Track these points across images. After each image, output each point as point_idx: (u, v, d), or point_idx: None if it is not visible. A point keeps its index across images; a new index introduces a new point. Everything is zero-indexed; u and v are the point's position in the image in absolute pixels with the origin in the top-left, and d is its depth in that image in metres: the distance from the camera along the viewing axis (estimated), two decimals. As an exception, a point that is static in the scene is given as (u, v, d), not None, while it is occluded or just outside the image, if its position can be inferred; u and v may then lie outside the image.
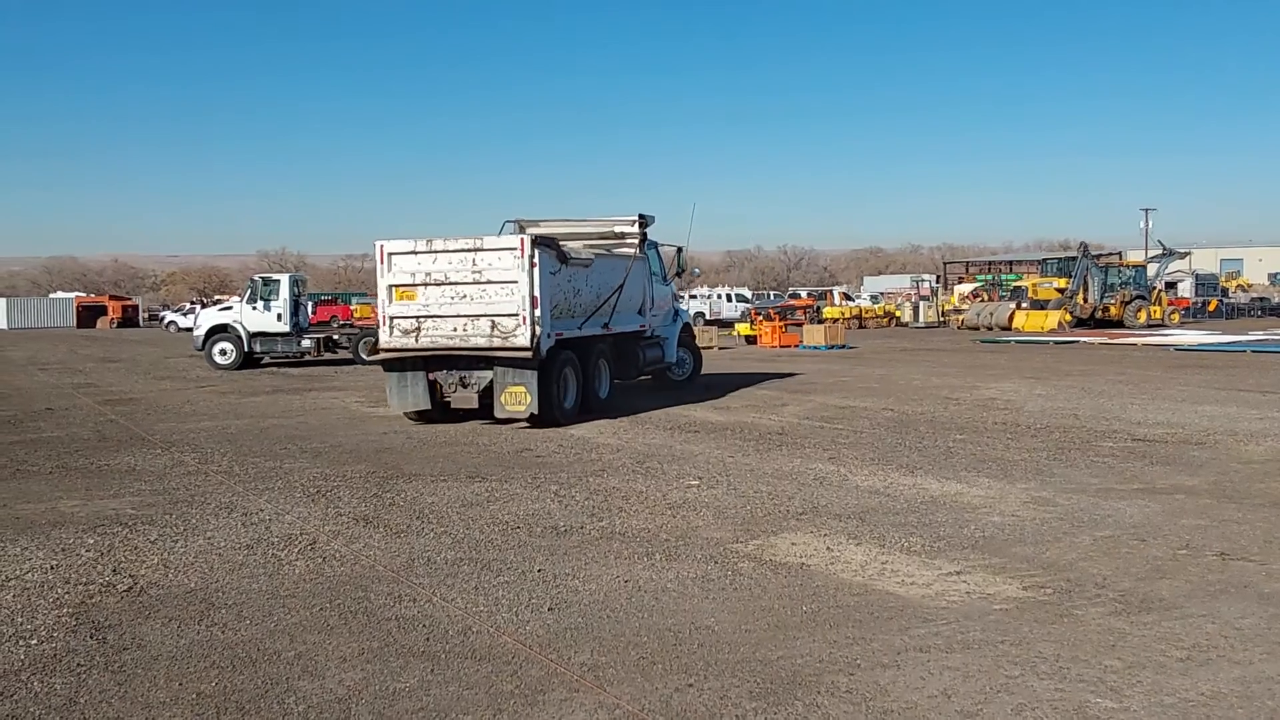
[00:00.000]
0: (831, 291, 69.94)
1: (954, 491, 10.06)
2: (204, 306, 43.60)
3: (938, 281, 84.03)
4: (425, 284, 15.10)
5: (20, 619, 6.60)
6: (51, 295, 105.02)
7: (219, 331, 30.10)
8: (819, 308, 54.82)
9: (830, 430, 14.53)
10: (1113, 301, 47.32)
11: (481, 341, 14.92)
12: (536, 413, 14.83)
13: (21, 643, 6.16)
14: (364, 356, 28.61)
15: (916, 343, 39.04)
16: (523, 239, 14.92)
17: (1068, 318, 45.91)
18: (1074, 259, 50.08)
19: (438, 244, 15.08)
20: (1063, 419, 15.23)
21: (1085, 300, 47.33)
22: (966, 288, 72.21)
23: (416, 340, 15.14)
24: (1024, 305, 48.34)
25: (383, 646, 5.98)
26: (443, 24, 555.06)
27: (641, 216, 18.18)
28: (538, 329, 14.77)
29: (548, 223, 18.00)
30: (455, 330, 15.02)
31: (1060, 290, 48.56)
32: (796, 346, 36.23)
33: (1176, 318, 50.61)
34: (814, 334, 36.79)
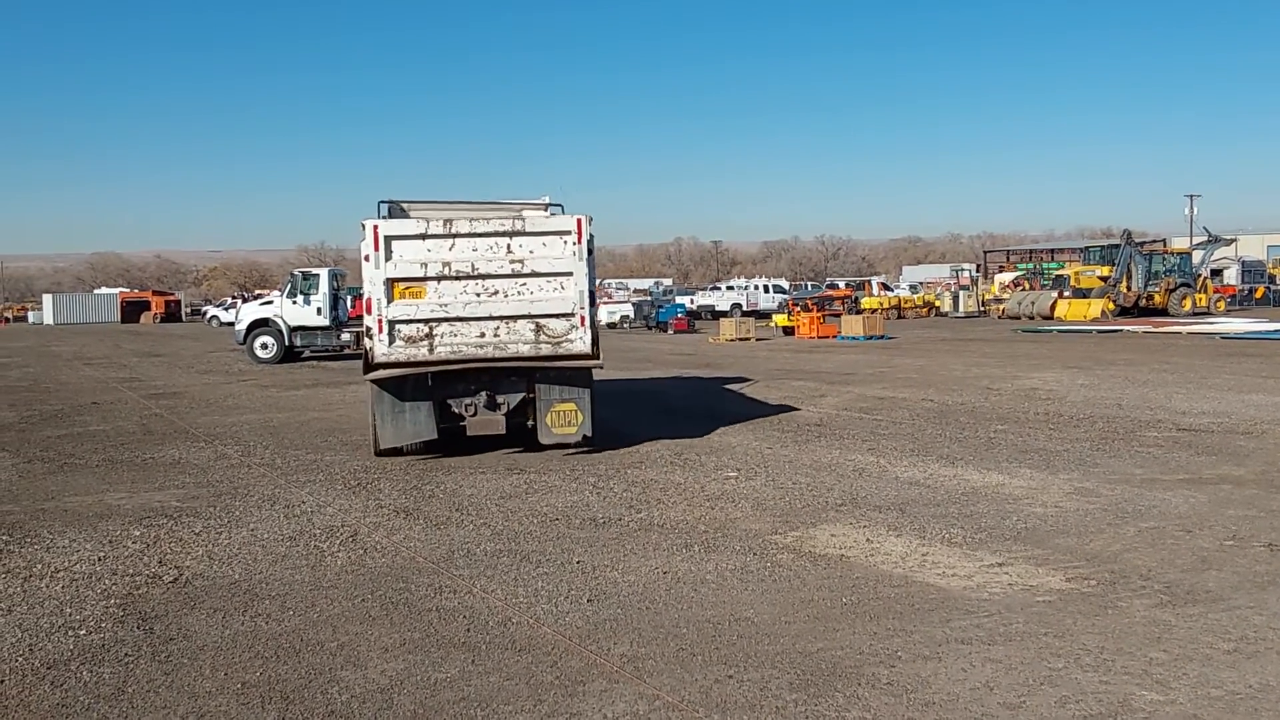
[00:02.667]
0: (870, 281, 69.56)
1: (995, 482, 9.97)
2: (245, 301, 44.07)
3: (978, 270, 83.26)
4: (441, 277, 11.78)
5: (69, 609, 6.72)
6: (96, 291, 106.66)
7: (260, 326, 30.42)
8: (857, 298, 54.49)
9: (869, 421, 14.44)
10: (1157, 289, 46.69)
11: (525, 349, 11.90)
12: (590, 434, 12.22)
13: (70, 633, 6.27)
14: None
15: (956, 333, 38.70)
16: (579, 219, 12.02)
17: (1111, 306, 45.35)
18: (1117, 246, 49.47)
19: (460, 224, 11.82)
20: (1106, 409, 15.04)
21: (1129, 288, 46.72)
22: (1007, 276, 71.55)
23: (430, 350, 11.77)
24: (1066, 294, 47.80)
25: (424, 637, 6.02)
26: (487, 14, 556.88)
27: (549, 204, 14.67)
28: (596, 332, 12.26)
29: (436, 205, 14.25)
30: (484, 336, 11.93)
31: (1103, 278, 47.96)
32: (834, 337, 36.03)
33: (1222, 305, 49.79)
34: (852, 325, 36.61)
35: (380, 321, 11.63)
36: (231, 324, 40.71)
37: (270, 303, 31.40)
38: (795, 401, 17.00)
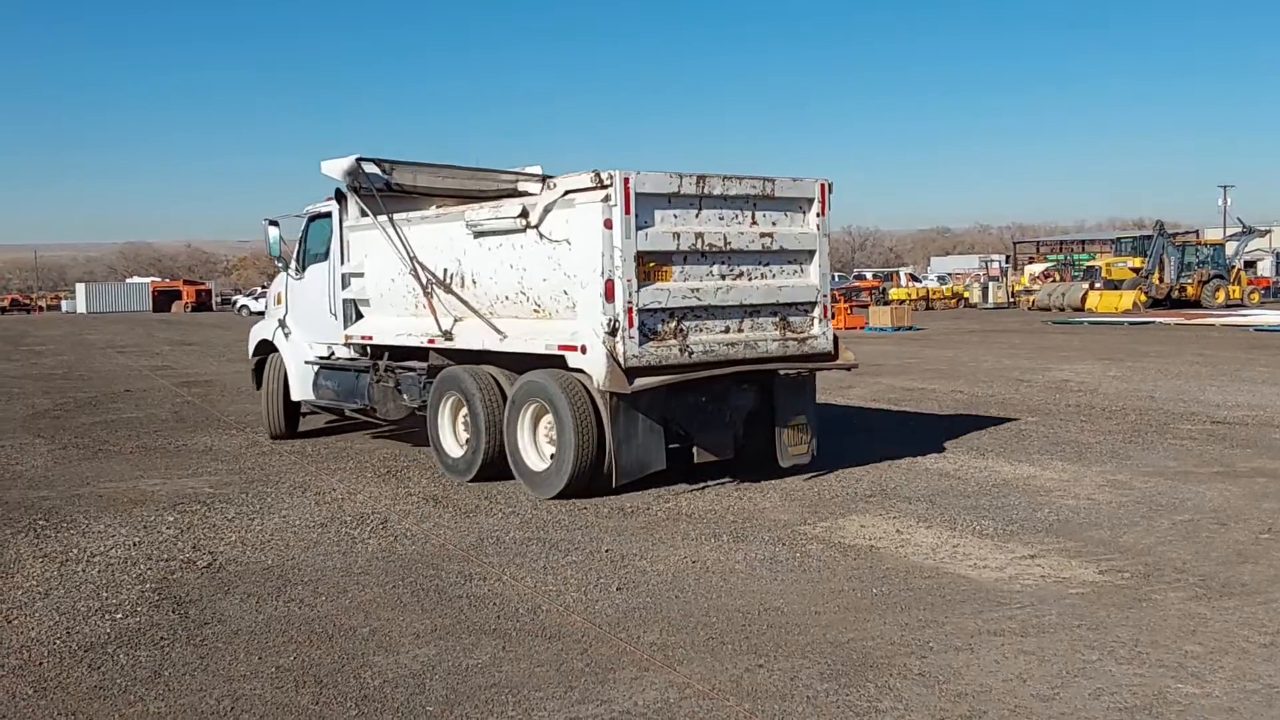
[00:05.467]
0: (898, 272, 69.19)
1: (1027, 474, 9.91)
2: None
3: (1007, 261, 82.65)
4: (689, 252, 9.17)
5: (106, 594, 6.80)
6: (128, 280, 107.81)
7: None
8: (885, 289, 54.21)
9: (898, 413, 14.38)
10: (1189, 281, 46.20)
11: (772, 348, 9.70)
12: (816, 454, 10.12)
13: (107, 617, 6.34)
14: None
15: (985, 324, 38.46)
16: (822, 184, 9.92)
17: (1143, 298, 44.90)
18: (1149, 238, 49.00)
19: (714, 183, 9.23)
20: (1139, 401, 14.91)
21: (1161, 280, 46.26)
22: (1037, 268, 70.91)
23: (681, 351, 9.15)
24: (1097, 285, 47.34)
25: (454, 623, 6.06)
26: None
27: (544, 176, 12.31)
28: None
29: (424, 169, 11.84)
30: (730, 332, 9.49)
31: (1135, 270, 47.50)
32: (862, 328, 35.89)
33: (1256, 297, 49.19)
34: (880, 315, 36.48)
35: (631, 312, 8.81)
36: (261, 313, 40.89)
37: None
38: (822, 392, 16.93)
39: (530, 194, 12.15)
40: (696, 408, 9.44)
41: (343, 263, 12.00)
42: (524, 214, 9.39)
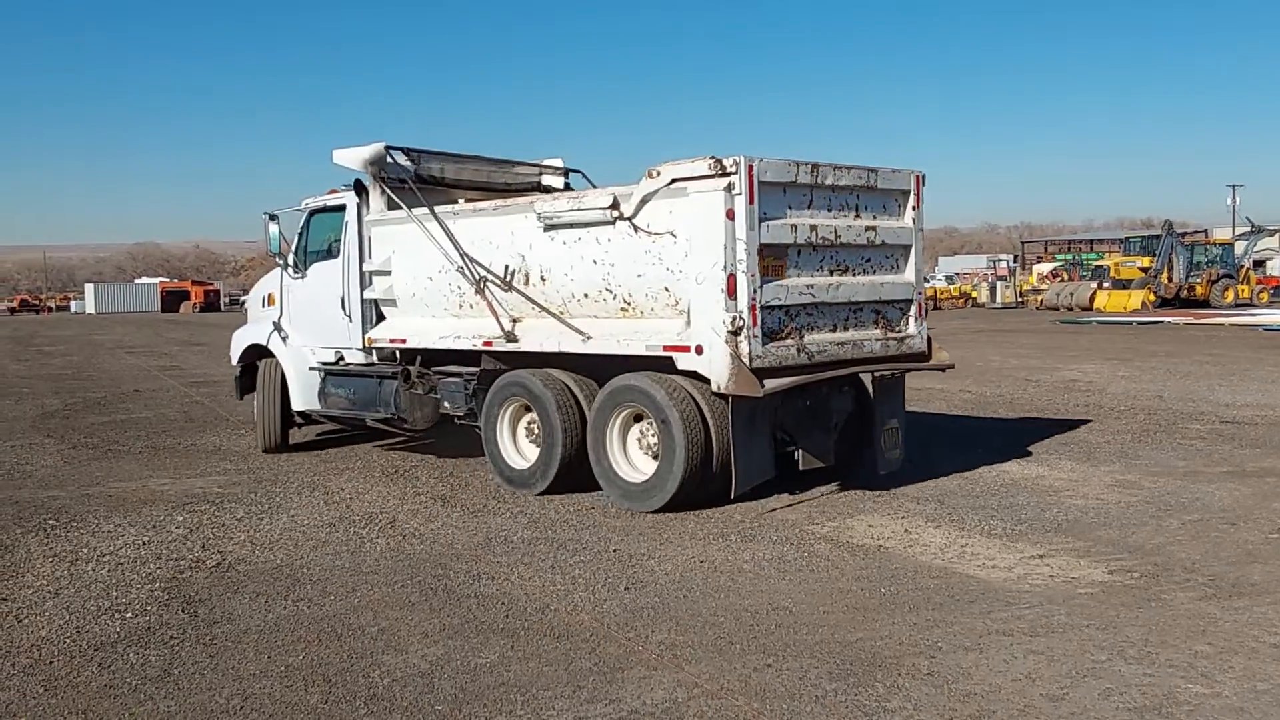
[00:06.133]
0: (905, 272, 68.89)
1: (1035, 474, 9.89)
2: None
3: (1015, 261, 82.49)
4: (803, 246, 8.66)
5: (115, 593, 6.82)
6: (136, 281, 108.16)
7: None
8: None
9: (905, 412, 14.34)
10: (1198, 280, 46.03)
11: (875, 347, 9.33)
12: (904, 456, 9.70)
13: (117, 616, 6.36)
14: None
15: (993, 324, 38.39)
16: (916, 176, 9.58)
17: (1151, 298, 44.76)
18: (1158, 237, 48.81)
19: (826, 172, 8.74)
20: (1148, 401, 14.87)
21: (1170, 279, 46.10)
22: (1046, 267, 70.80)
23: (800, 352, 8.65)
24: (1106, 285, 47.20)
25: (463, 623, 6.06)
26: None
27: (568, 170, 12.58)
28: None
29: (450, 159, 11.56)
30: (836, 331, 9.04)
31: (1144, 269, 47.34)
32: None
33: (1265, 297, 49.01)
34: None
35: (754, 309, 8.23)
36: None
37: None
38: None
39: (553, 187, 12.23)
40: (802, 412, 8.96)
41: (364, 260, 11.19)
42: (614, 205, 8.73)
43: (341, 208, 11.53)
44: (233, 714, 4.92)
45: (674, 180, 8.36)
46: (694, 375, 8.43)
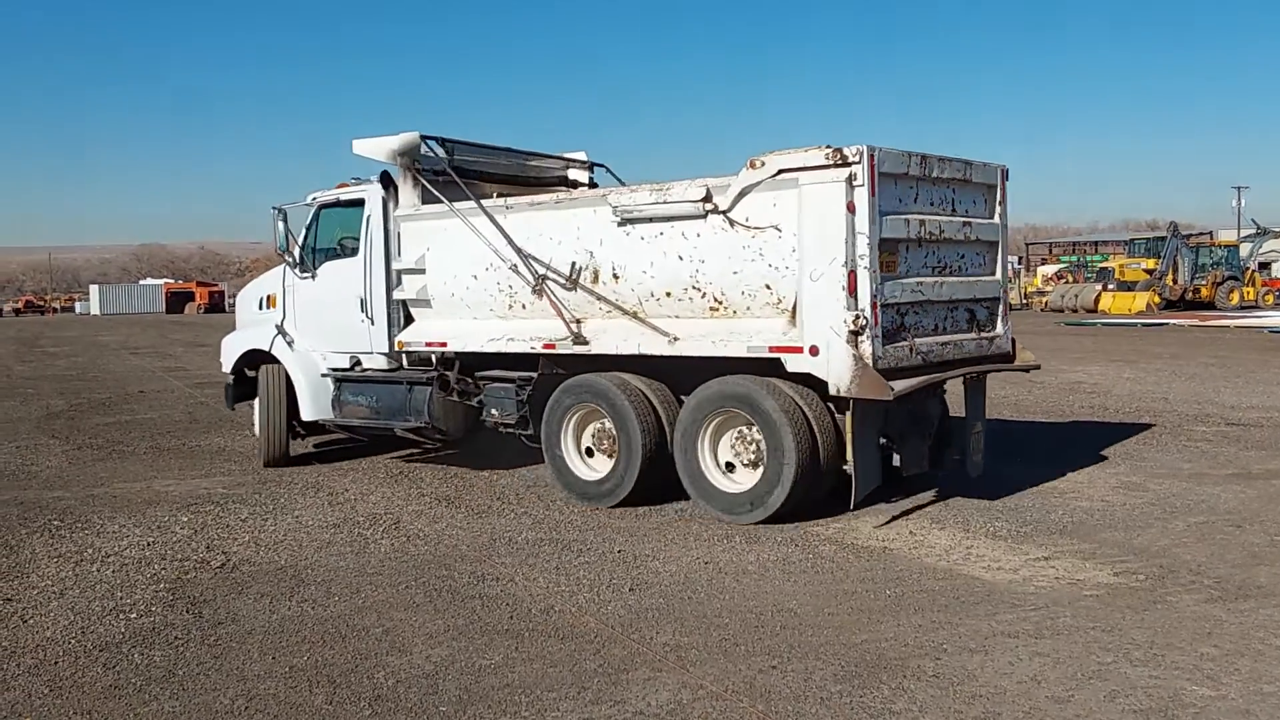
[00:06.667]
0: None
1: (1040, 476, 9.86)
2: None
3: (1020, 263, 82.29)
4: (911, 241, 8.24)
5: (120, 593, 6.83)
6: (141, 282, 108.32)
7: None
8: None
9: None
10: (1203, 283, 45.95)
11: (970, 348, 8.97)
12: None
13: (121, 616, 6.37)
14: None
15: (998, 325, 38.26)
16: (1001, 169, 9.29)
17: (1156, 300, 44.68)
18: (1163, 239, 48.79)
19: (932, 164, 8.38)
20: (1153, 403, 14.84)
21: (1175, 281, 46.02)
22: (1050, 269, 70.61)
23: (912, 352, 8.22)
24: (1110, 287, 47.12)
25: (467, 624, 6.06)
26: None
27: (592, 164, 12.15)
28: None
29: (482, 151, 11.08)
30: (938, 331, 8.65)
31: (1149, 271, 47.28)
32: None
33: (1271, 299, 48.86)
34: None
35: (875, 307, 7.78)
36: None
37: None
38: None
39: (579, 181, 11.84)
40: (904, 416, 8.46)
41: (390, 258, 10.50)
42: (707, 198, 8.22)
43: (359, 202, 10.80)
44: (237, 715, 4.92)
45: (781, 171, 7.86)
46: (791, 378, 8.06)
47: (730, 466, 8.51)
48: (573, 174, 11.93)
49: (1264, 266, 56.86)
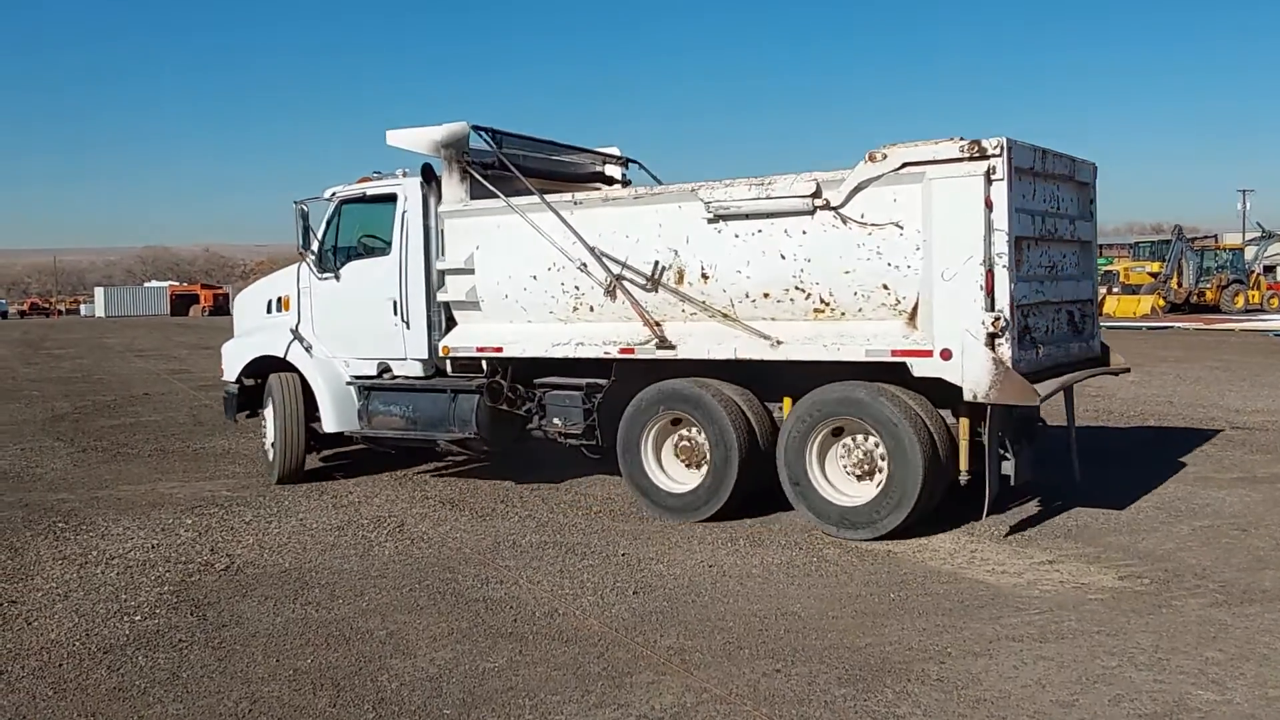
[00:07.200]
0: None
1: (1044, 479, 9.82)
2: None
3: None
4: (1032, 239, 7.89)
5: (124, 596, 6.84)
6: (146, 284, 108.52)
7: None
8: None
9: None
10: (1209, 286, 45.82)
11: (1074, 350, 8.70)
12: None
13: (126, 618, 6.38)
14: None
15: (1002, 329, 38.21)
16: (1093, 165, 9.03)
17: (1161, 303, 44.55)
18: (1167, 242, 48.59)
19: (1050, 160, 8.13)
20: (1157, 406, 14.81)
21: (1179, 285, 45.88)
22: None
23: (1036, 355, 7.91)
24: (1115, 290, 46.94)
25: (471, 627, 6.06)
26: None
27: (628, 159, 11.61)
28: None
29: (527, 143, 10.50)
30: (1049, 332, 8.30)
31: (1153, 274, 47.14)
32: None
33: (1276, 302, 48.72)
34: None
35: (1012, 306, 7.43)
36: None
37: None
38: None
39: (614, 177, 11.30)
40: (1017, 422, 8.05)
41: (431, 257, 9.83)
42: (817, 193, 7.82)
43: (389, 197, 10.09)
44: (241, 717, 4.93)
45: (905, 164, 7.49)
46: (900, 382, 7.74)
47: (836, 478, 8.08)
48: (609, 169, 11.37)
49: (1269, 270, 56.75)
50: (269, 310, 11.38)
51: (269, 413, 10.77)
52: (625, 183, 11.33)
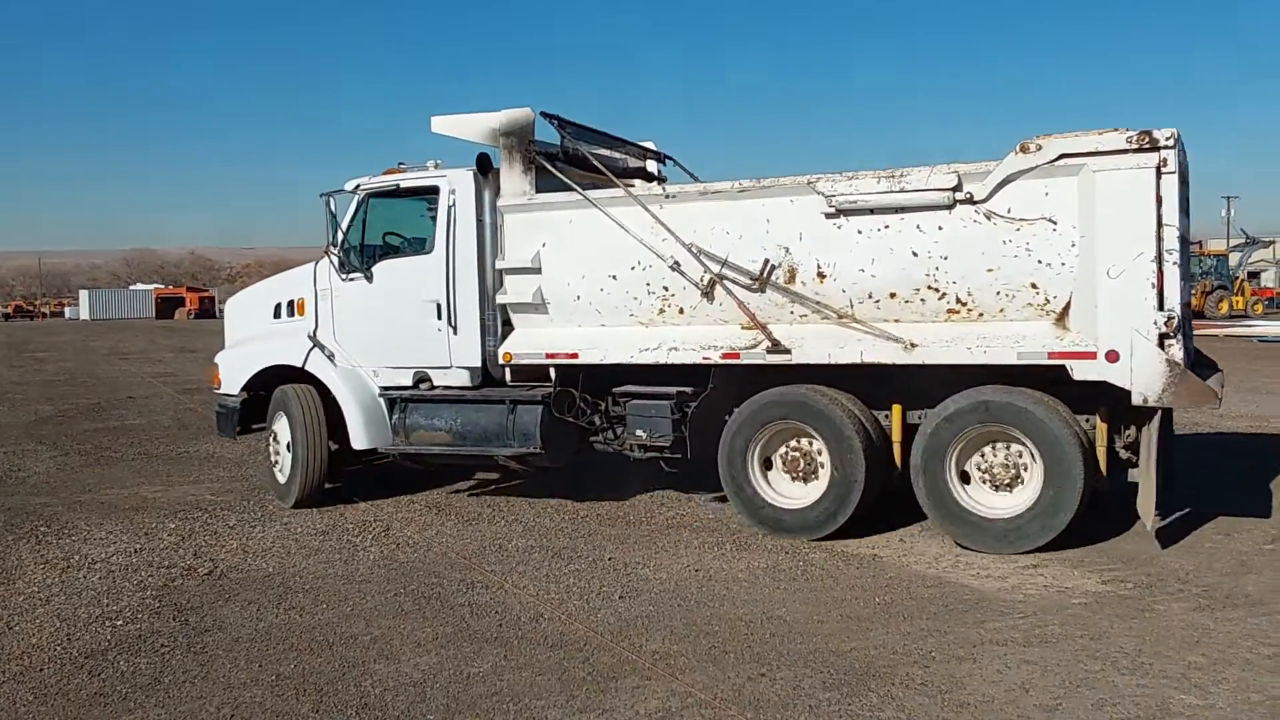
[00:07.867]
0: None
1: (1029, 484, 9.86)
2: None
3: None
4: (1183, 239, 7.37)
5: (106, 600, 6.79)
6: (131, 287, 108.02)
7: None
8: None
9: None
10: (1193, 292, 46.10)
11: (1190, 352, 8.00)
12: None
13: (108, 623, 6.34)
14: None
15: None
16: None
17: (1145, 308, 44.75)
18: (1152, 248, 48.81)
19: (1185, 154, 7.46)
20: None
21: (1164, 290, 46.14)
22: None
23: (1184, 354, 7.21)
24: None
25: (456, 632, 6.05)
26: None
27: (664, 155, 10.89)
28: None
29: (589, 134, 9.68)
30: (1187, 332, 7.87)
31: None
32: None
33: (1260, 308, 49.06)
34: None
35: (1183, 305, 7.17)
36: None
37: None
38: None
39: (652, 174, 10.55)
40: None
41: (486, 254, 9.00)
42: (958, 186, 7.34)
43: (431, 190, 9.27)
44: (223, 723, 4.89)
45: (1062, 156, 7.05)
46: (1040, 385, 7.36)
47: (975, 490, 7.64)
48: (651, 166, 10.64)
49: (1253, 276, 57.11)
50: (277, 315, 10.28)
51: (280, 428, 9.74)
52: (662, 179, 10.54)
